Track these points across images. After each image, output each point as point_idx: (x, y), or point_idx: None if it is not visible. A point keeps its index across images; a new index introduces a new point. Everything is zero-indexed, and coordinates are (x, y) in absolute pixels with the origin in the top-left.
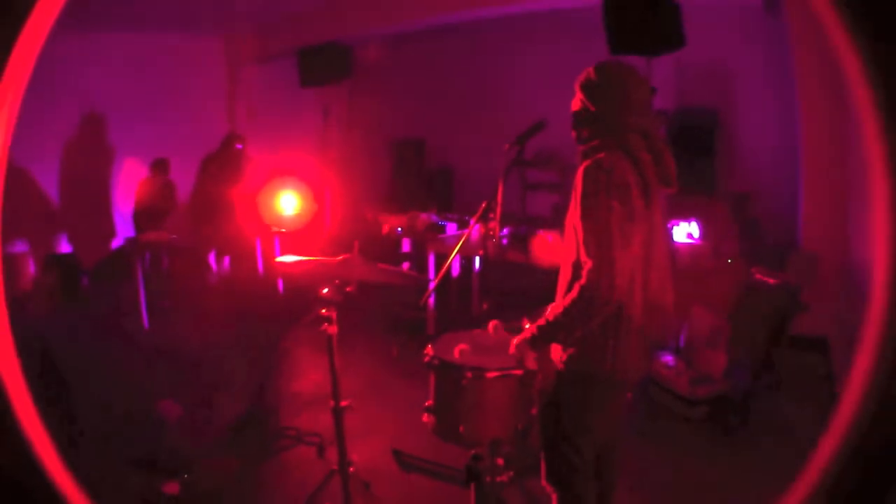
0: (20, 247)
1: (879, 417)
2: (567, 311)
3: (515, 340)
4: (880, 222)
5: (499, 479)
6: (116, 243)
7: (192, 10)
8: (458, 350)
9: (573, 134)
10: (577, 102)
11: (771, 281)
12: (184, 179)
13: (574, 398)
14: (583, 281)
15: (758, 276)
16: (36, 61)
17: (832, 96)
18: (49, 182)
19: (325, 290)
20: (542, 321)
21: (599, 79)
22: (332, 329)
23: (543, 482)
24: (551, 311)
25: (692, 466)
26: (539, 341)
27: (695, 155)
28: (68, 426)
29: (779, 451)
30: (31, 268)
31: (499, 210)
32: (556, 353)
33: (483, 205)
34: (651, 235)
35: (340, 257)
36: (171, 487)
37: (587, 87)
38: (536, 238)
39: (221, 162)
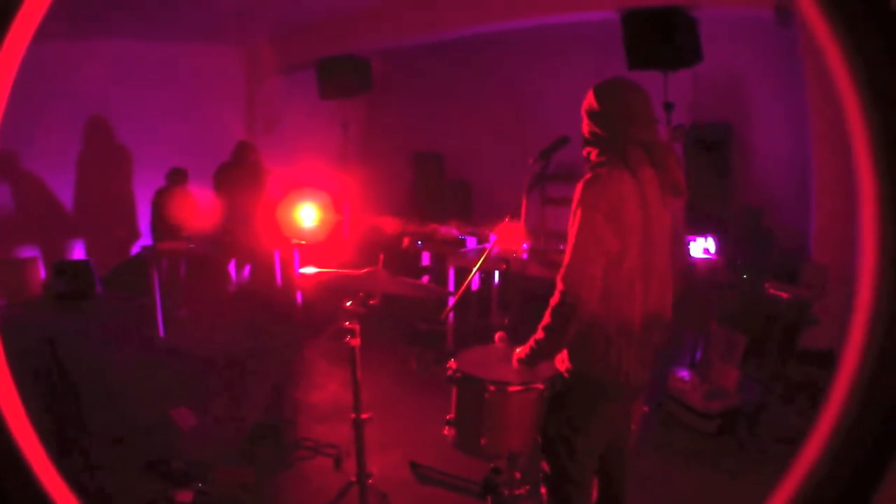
0: (30, 252)
1: (864, 419)
2: (545, 328)
3: (514, 360)
4: (867, 227)
5: (516, 492)
6: (133, 251)
7: (212, 20)
8: (481, 364)
9: (584, 154)
10: (585, 127)
11: (783, 295)
12: (201, 189)
13: (575, 403)
14: (554, 295)
15: (771, 290)
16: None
17: (843, 109)
18: (67, 189)
19: (349, 303)
20: (531, 341)
21: (600, 101)
22: (355, 341)
23: (542, 489)
24: (538, 329)
25: (704, 479)
26: (531, 359)
27: (710, 169)
28: (75, 430)
29: (788, 463)
30: (41, 273)
31: (522, 225)
32: (560, 360)
33: (506, 219)
34: (650, 246)
35: (365, 270)
36: (184, 496)
37: (591, 113)
38: (500, 225)
39: (235, 171)
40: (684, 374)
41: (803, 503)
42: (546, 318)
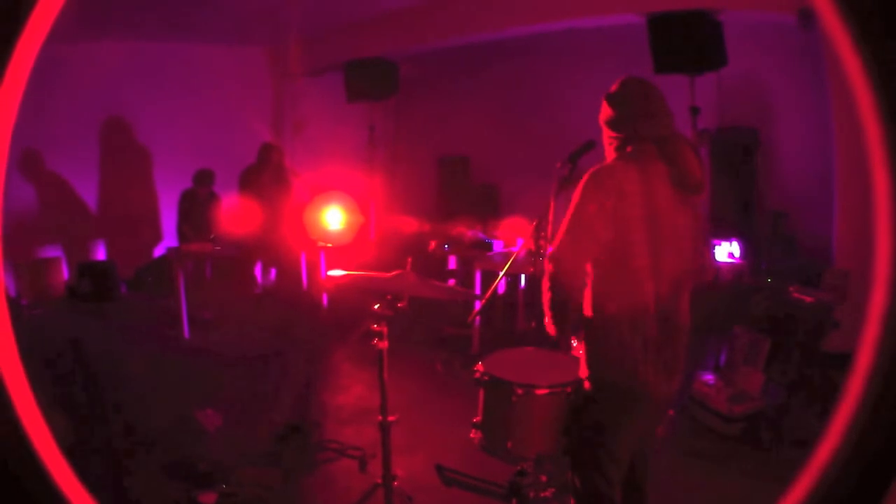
0: (53, 253)
1: (877, 419)
2: (547, 302)
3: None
4: (882, 224)
5: (542, 494)
6: (158, 252)
7: (239, 22)
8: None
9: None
10: (604, 135)
11: (807, 298)
12: (228, 191)
13: (598, 411)
14: (544, 279)
15: (794, 293)
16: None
17: (859, 111)
18: (91, 190)
19: (377, 306)
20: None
21: (613, 106)
22: (383, 344)
23: (572, 501)
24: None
25: (727, 482)
26: (553, 328)
27: (735, 174)
28: (99, 431)
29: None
30: (64, 274)
31: (550, 228)
32: (582, 370)
33: (534, 223)
34: (659, 245)
35: (394, 272)
36: (208, 497)
37: (608, 122)
38: (506, 221)
39: (260, 173)
40: (708, 377)
41: None
42: (545, 295)
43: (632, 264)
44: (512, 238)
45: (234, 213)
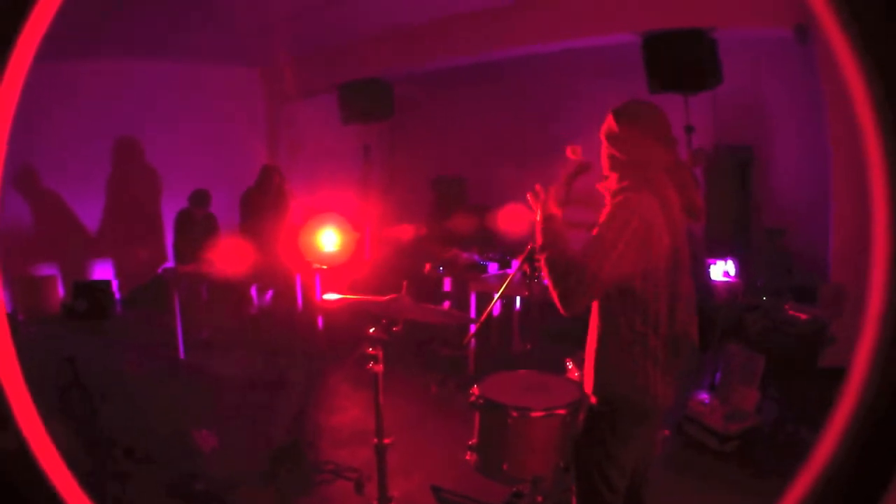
0: (49, 271)
1: (870, 434)
2: (560, 265)
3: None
4: (879, 234)
5: None
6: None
7: (236, 42)
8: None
9: (605, 176)
10: (604, 151)
11: (802, 316)
12: (223, 212)
13: (605, 429)
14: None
15: (790, 311)
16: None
17: (860, 126)
18: (89, 209)
19: (372, 329)
20: (554, 250)
21: (620, 124)
22: (378, 367)
23: None
24: (560, 254)
25: (723, 500)
26: (541, 243)
27: (731, 192)
28: (99, 449)
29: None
30: (59, 292)
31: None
32: (588, 385)
33: (529, 245)
34: (677, 270)
35: (389, 296)
36: None
37: (611, 137)
38: (504, 209)
39: (261, 196)
40: (704, 396)
41: None
42: (562, 267)
43: (650, 290)
44: (512, 227)
45: (230, 246)
